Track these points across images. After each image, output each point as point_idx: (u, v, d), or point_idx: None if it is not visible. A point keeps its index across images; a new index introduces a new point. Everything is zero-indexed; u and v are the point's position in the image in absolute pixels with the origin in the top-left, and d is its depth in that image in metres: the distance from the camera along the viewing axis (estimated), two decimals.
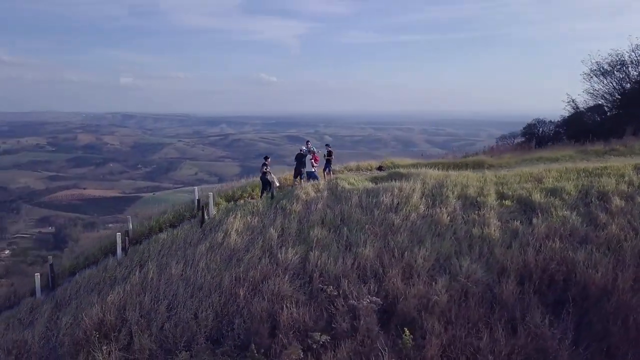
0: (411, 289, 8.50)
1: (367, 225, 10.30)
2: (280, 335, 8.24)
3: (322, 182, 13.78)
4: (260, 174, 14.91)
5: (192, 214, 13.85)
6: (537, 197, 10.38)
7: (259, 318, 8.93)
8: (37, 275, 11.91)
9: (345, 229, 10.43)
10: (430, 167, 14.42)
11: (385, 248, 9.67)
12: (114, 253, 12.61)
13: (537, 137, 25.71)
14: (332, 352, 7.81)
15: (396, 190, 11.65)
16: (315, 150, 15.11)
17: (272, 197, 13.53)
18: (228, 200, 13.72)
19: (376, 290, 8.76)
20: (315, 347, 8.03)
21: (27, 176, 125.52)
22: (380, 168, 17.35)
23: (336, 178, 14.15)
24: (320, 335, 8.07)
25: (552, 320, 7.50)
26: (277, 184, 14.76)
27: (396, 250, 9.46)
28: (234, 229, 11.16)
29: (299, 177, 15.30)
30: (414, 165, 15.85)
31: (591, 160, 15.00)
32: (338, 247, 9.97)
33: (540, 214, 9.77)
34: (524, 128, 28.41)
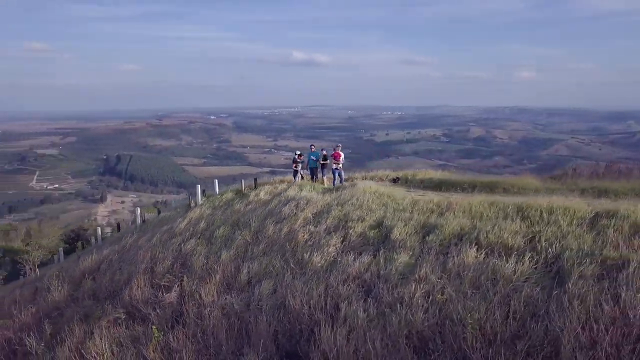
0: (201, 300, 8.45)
1: (247, 232, 10.16)
2: (108, 301, 9.73)
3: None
4: (293, 171, 16.21)
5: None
6: (397, 232, 7.71)
7: (133, 289, 10.52)
8: (98, 228, 16.69)
9: (237, 232, 10.59)
10: (427, 186, 11.68)
11: (239, 256, 9.54)
12: None
13: None
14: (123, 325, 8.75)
15: (303, 202, 10.62)
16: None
17: None
18: (236, 194, 15.21)
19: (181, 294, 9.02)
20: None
21: (421, 163, 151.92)
22: (395, 180, 15.05)
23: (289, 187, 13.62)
24: (113, 308, 9.16)
25: None
26: (299, 182, 15.44)
27: (240, 260, 9.25)
28: (189, 218, 12.77)
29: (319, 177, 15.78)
30: (422, 182, 13.07)
31: None
32: (219, 248, 10.33)
33: (373, 253, 7.50)
34: None
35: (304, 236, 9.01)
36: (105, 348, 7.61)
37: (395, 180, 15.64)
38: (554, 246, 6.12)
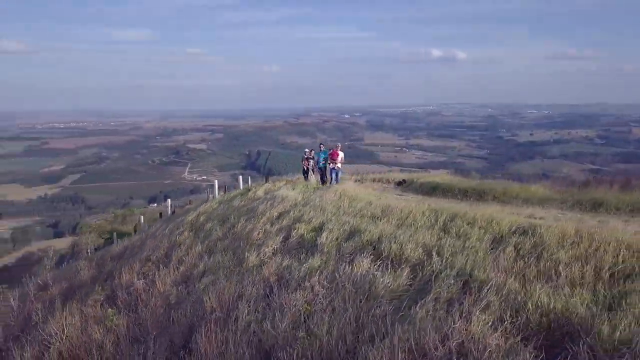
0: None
1: (223, 227, 10.48)
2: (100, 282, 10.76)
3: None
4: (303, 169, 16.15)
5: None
6: (324, 236, 7.23)
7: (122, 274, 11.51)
8: (141, 217, 18.25)
9: (219, 227, 10.98)
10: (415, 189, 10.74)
11: (208, 250, 9.94)
12: None
13: None
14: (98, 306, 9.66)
15: (277, 201, 10.47)
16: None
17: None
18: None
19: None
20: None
21: (569, 166, 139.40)
22: (400, 183, 13.88)
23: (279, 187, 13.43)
24: (102, 291, 10.06)
25: None
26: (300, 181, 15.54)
27: (206, 254, 9.66)
28: (198, 211, 13.52)
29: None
30: (421, 185, 11.92)
31: None
32: (200, 241, 10.84)
33: (297, 256, 7.29)
34: None
35: (258, 235, 9.13)
36: (66, 325, 8.54)
37: (399, 183, 14.83)
38: (442, 261, 5.46)
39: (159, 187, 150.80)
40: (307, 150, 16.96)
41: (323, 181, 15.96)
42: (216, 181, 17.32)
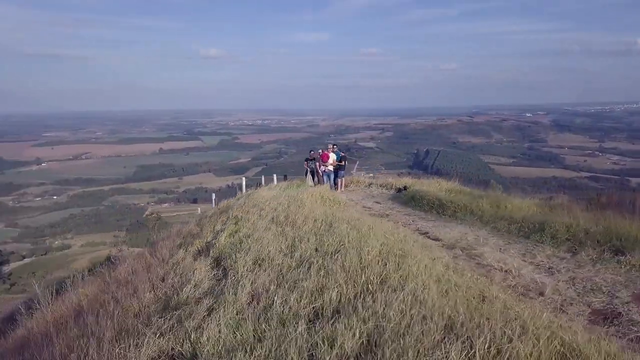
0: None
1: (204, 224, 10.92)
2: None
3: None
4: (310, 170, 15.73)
5: None
6: (222, 239, 6.84)
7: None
8: (198, 208, 19.61)
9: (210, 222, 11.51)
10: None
11: (182, 245, 10.56)
12: None
13: None
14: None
15: (249, 201, 10.26)
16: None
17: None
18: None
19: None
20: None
21: None
22: (400, 189, 12.07)
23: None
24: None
25: None
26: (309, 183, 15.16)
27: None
28: (218, 206, 14.22)
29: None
30: (406, 194, 10.17)
31: None
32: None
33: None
34: None
35: (207, 233, 9.43)
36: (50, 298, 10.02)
37: (399, 190, 13.35)
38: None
39: None
40: (320, 150, 16.41)
41: (335, 183, 15.38)
42: (243, 178, 18.09)
